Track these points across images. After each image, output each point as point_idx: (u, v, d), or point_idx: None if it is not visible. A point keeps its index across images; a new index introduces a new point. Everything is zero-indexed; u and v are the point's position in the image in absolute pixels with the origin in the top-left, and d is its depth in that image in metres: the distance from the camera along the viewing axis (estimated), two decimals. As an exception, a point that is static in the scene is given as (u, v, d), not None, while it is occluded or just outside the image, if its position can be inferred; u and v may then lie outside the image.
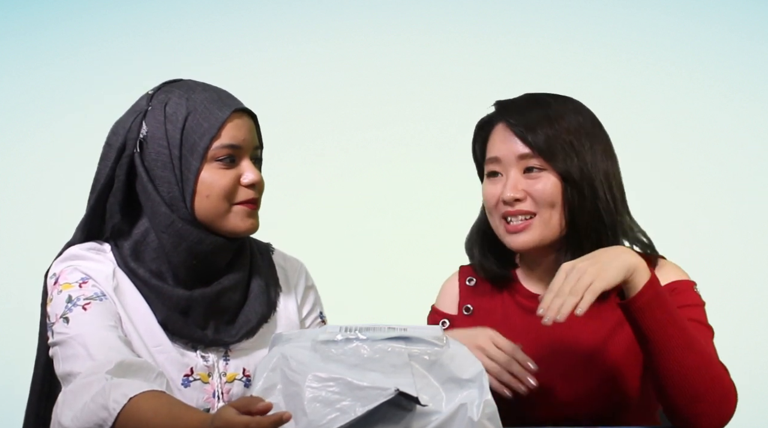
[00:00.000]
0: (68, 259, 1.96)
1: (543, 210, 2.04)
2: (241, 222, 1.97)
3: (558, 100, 2.11)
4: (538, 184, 2.04)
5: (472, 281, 2.21)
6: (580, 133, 2.05)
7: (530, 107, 2.09)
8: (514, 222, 2.06)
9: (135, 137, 1.95)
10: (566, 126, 2.05)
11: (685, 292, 2.05)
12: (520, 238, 2.05)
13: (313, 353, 1.69)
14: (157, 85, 2.02)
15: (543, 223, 2.04)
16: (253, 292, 2.03)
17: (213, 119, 1.94)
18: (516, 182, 2.04)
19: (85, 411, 1.75)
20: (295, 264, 2.16)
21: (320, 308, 2.18)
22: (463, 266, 2.25)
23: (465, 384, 1.68)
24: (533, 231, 2.05)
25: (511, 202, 2.04)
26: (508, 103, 2.13)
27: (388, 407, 1.63)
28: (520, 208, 2.04)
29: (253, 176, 1.97)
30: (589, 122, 2.08)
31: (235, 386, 1.98)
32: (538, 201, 2.04)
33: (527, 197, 2.04)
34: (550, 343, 2.08)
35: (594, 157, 2.04)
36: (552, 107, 2.08)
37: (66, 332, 1.87)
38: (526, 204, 2.04)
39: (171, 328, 1.95)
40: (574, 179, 2.02)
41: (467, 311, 2.19)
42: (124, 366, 1.81)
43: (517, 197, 2.04)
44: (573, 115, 2.07)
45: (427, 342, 1.71)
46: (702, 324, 2.02)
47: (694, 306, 2.04)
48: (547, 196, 2.03)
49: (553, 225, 2.05)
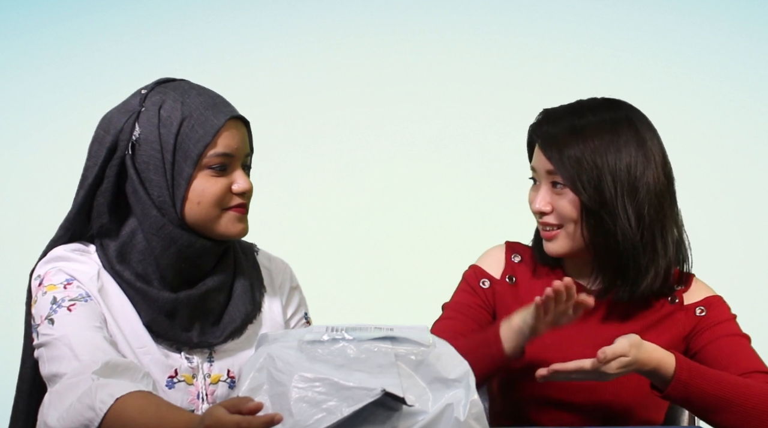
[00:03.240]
0: (53, 260, 1.95)
1: (567, 224, 2.09)
2: (232, 227, 1.97)
3: (597, 111, 2.10)
4: (562, 200, 2.08)
5: (517, 258, 2.23)
6: (608, 149, 2.05)
7: (564, 119, 2.10)
8: (546, 230, 2.12)
9: (127, 138, 1.94)
10: (593, 144, 2.05)
11: (719, 306, 2.14)
12: (551, 246, 2.12)
13: (300, 353, 1.69)
14: (150, 84, 2.00)
15: (568, 235, 2.10)
16: (237, 292, 2.02)
17: (208, 126, 1.93)
18: (545, 195, 2.10)
19: (71, 411, 1.75)
20: (280, 265, 2.15)
21: (305, 309, 2.17)
22: (510, 243, 2.26)
23: (451, 384, 1.68)
24: (561, 242, 2.10)
25: (539, 214, 2.11)
26: (549, 113, 2.14)
27: (374, 407, 1.63)
28: (548, 220, 2.10)
29: (244, 185, 1.96)
30: (623, 135, 2.06)
31: (220, 387, 1.98)
32: (562, 216, 2.09)
33: (553, 210, 2.10)
34: (580, 330, 2.10)
35: (620, 173, 2.04)
36: (586, 120, 2.08)
37: (51, 333, 1.87)
38: (552, 217, 2.10)
39: (156, 330, 1.94)
40: (592, 204, 2.05)
41: (510, 280, 2.20)
42: (110, 366, 1.81)
43: (544, 210, 2.10)
44: (607, 128, 2.07)
45: (414, 342, 1.70)
46: (739, 336, 2.10)
47: (729, 321, 2.12)
48: (568, 213, 2.08)
49: (578, 238, 2.09)
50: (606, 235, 2.05)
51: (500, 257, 2.24)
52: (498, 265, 2.22)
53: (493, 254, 2.25)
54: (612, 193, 2.04)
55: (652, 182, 2.06)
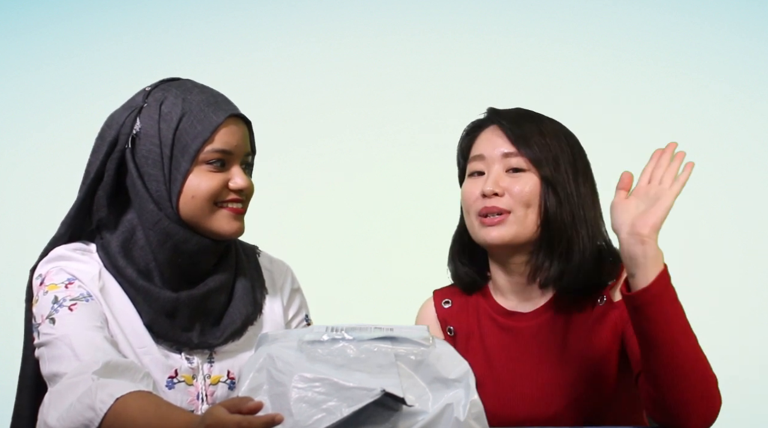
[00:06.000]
0: (54, 260, 1.96)
1: (518, 208, 2.08)
2: (226, 225, 1.97)
3: (550, 120, 2.17)
4: (518, 183, 2.09)
5: (448, 304, 2.24)
6: (565, 143, 2.13)
7: (522, 118, 2.16)
8: (489, 216, 2.09)
9: (128, 132, 1.96)
10: (552, 133, 2.13)
11: None
12: (495, 231, 2.09)
13: (300, 353, 1.69)
14: (155, 83, 2.02)
15: (517, 221, 2.09)
16: (238, 293, 2.03)
17: (207, 123, 1.94)
18: (497, 177, 2.10)
19: (71, 411, 1.75)
20: (281, 267, 2.16)
21: (306, 310, 2.18)
22: (437, 291, 2.28)
23: (451, 384, 1.68)
24: (508, 227, 2.09)
25: (490, 195, 2.09)
26: (501, 110, 2.19)
27: (374, 407, 1.63)
28: (496, 204, 2.09)
29: (241, 182, 1.97)
30: (573, 139, 2.16)
31: (220, 388, 1.98)
32: (515, 199, 2.08)
33: (505, 193, 2.09)
34: (528, 357, 2.11)
35: (570, 155, 2.12)
36: (541, 119, 2.16)
37: (52, 332, 1.87)
38: (503, 201, 2.09)
39: (156, 331, 1.95)
40: (555, 185, 2.08)
41: (451, 332, 2.21)
42: (110, 366, 1.81)
43: (496, 191, 2.09)
44: (559, 128, 2.15)
45: (414, 342, 1.71)
46: None
47: None
48: (525, 195, 2.08)
49: (528, 225, 2.09)
50: (564, 217, 2.08)
51: (431, 314, 2.25)
52: (433, 325, 2.23)
53: (425, 315, 2.26)
54: (568, 176, 2.10)
55: (592, 184, 2.15)
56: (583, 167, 2.15)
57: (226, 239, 1.99)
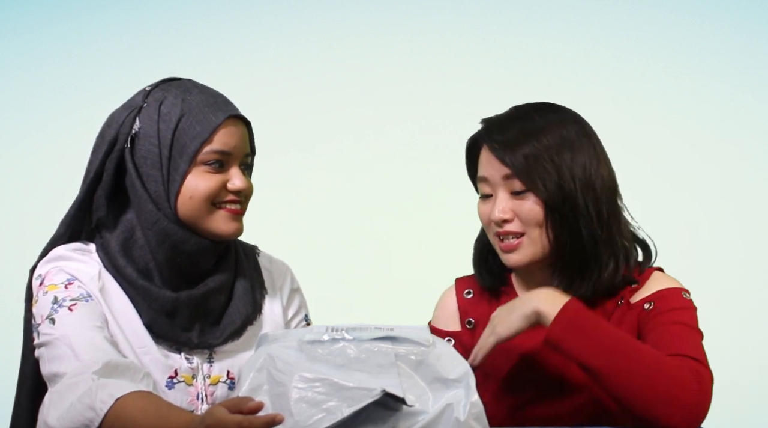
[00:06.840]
0: (54, 260, 1.96)
1: (531, 230, 2.05)
2: (224, 225, 1.97)
3: (542, 112, 2.09)
4: (524, 205, 2.04)
5: (469, 294, 2.21)
6: (562, 147, 2.04)
7: (513, 124, 2.07)
8: (506, 241, 2.07)
9: (127, 132, 1.96)
10: (547, 143, 2.04)
11: (670, 297, 2.06)
12: (513, 257, 2.07)
13: (300, 353, 1.69)
14: (155, 82, 2.02)
15: (532, 242, 2.05)
16: (237, 293, 2.03)
17: (206, 123, 1.94)
18: (504, 203, 2.05)
19: (71, 411, 1.75)
20: (280, 267, 2.16)
21: (305, 311, 2.17)
22: (459, 279, 2.24)
23: (451, 384, 1.68)
24: (524, 250, 2.06)
25: (500, 223, 2.06)
26: (493, 121, 2.11)
27: (374, 407, 1.63)
28: (509, 229, 2.05)
29: (239, 183, 1.96)
30: (573, 133, 2.06)
31: (219, 388, 1.98)
32: (525, 222, 2.04)
33: (515, 217, 2.05)
34: (545, 355, 2.07)
35: (576, 170, 2.03)
36: (535, 122, 2.07)
37: (52, 333, 1.87)
38: (514, 225, 2.05)
39: (156, 331, 1.95)
40: (555, 203, 2.02)
41: (470, 324, 2.18)
42: (110, 366, 1.81)
43: (505, 218, 2.05)
44: (556, 128, 2.06)
45: (414, 342, 1.70)
46: (687, 326, 2.01)
47: (681, 309, 2.04)
48: (532, 217, 2.04)
49: (543, 244, 2.05)
50: (571, 233, 2.03)
51: (452, 304, 2.21)
52: (452, 315, 2.20)
53: (444, 304, 2.23)
54: (572, 189, 2.02)
55: (605, 177, 2.06)
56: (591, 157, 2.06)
57: (225, 239, 1.99)
